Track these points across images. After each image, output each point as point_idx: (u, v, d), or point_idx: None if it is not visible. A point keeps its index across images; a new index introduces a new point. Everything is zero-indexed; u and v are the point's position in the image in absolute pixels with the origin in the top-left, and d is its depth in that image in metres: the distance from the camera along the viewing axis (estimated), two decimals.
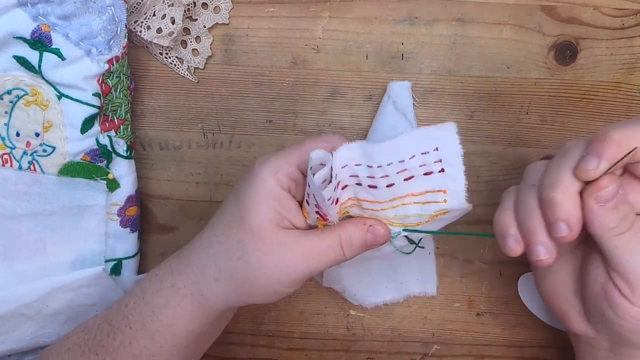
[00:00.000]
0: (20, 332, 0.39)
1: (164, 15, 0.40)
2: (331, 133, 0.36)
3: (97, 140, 0.39)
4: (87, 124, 0.39)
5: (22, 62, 0.36)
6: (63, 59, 0.37)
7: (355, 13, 0.43)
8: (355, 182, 0.31)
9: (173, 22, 0.40)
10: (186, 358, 0.35)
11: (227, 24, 0.42)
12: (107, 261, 0.42)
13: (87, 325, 0.35)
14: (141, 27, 0.40)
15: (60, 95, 0.38)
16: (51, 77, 0.37)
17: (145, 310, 0.33)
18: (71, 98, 0.38)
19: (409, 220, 0.32)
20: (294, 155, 0.32)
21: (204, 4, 0.42)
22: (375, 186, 0.31)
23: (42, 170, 0.39)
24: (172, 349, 0.33)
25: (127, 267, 0.43)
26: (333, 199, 0.31)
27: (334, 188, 0.30)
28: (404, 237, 0.34)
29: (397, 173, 0.31)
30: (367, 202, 0.32)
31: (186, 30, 0.42)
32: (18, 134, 0.38)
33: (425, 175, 0.31)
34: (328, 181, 0.30)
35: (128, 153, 0.41)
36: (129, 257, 0.43)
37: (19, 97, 0.37)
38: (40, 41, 0.36)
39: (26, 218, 0.39)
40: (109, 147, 0.40)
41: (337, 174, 0.30)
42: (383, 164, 0.30)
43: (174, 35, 0.40)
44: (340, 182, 0.31)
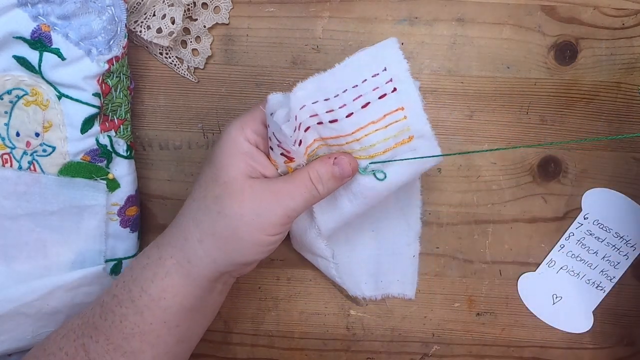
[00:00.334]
0: (20, 331, 0.39)
1: (164, 15, 0.40)
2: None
3: (97, 140, 0.39)
4: (87, 124, 0.39)
5: (22, 62, 0.36)
6: (63, 59, 0.37)
7: (355, 13, 0.43)
8: (316, 122, 0.32)
9: (173, 22, 0.40)
10: (178, 339, 0.35)
11: (227, 24, 0.43)
12: (107, 261, 0.42)
13: (81, 312, 0.36)
14: (141, 27, 0.40)
15: (60, 95, 0.38)
16: (51, 77, 0.37)
17: (134, 287, 0.33)
18: (71, 98, 0.38)
19: (375, 149, 0.33)
20: (258, 112, 0.34)
21: (204, 4, 0.42)
22: (336, 119, 0.32)
23: (42, 170, 0.39)
24: (162, 327, 0.33)
25: None
26: (296, 140, 0.32)
27: (294, 128, 0.31)
28: (373, 176, 0.35)
29: (354, 100, 0.32)
30: (332, 138, 0.33)
31: (186, 30, 0.42)
32: (18, 134, 0.38)
33: (380, 99, 0.32)
34: (287, 120, 0.31)
35: (128, 153, 0.41)
36: (129, 257, 0.43)
37: (19, 97, 0.37)
38: (40, 41, 0.36)
39: (26, 218, 0.39)
40: (109, 147, 0.40)
41: (296, 115, 0.31)
42: (339, 92, 0.31)
43: (174, 35, 0.40)
44: (302, 123, 0.32)
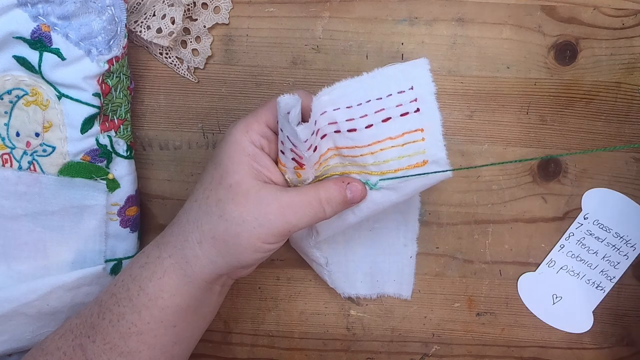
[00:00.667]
0: (20, 331, 0.39)
1: (164, 15, 0.40)
2: (298, 90, 0.35)
3: (97, 140, 0.39)
4: (87, 124, 0.39)
5: (22, 62, 0.36)
6: (63, 59, 0.37)
7: (355, 13, 0.43)
8: (333, 130, 0.32)
9: (173, 22, 0.40)
10: (175, 340, 0.34)
11: (227, 24, 0.42)
12: (107, 261, 0.42)
13: (79, 312, 0.35)
14: (141, 27, 0.40)
15: (60, 95, 0.38)
16: (51, 77, 0.37)
17: (132, 286, 0.33)
18: (71, 98, 0.38)
19: (387, 166, 0.33)
20: (262, 113, 0.33)
21: (204, 4, 0.42)
22: (355, 129, 0.32)
23: (42, 170, 0.39)
24: (159, 327, 0.33)
25: None
26: (311, 145, 0.31)
27: (312, 132, 0.31)
28: (381, 192, 0.34)
29: (375, 113, 0.31)
30: (347, 148, 0.33)
31: (186, 30, 0.42)
32: (18, 134, 0.38)
33: (402, 116, 0.32)
34: (301, 123, 0.31)
35: (128, 153, 0.41)
36: (128, 257, 0.43)
37: (19, 97, 0.37)
38: (40, 41, 0.36)
39: (26, 218, 0.39)
40: (109, 147, 0.40)
41: (316, 120, 0.31)
42: (362, 102, 0.31)
43: (174, 35, 0.40)
44: (320, 129, 0.32)
